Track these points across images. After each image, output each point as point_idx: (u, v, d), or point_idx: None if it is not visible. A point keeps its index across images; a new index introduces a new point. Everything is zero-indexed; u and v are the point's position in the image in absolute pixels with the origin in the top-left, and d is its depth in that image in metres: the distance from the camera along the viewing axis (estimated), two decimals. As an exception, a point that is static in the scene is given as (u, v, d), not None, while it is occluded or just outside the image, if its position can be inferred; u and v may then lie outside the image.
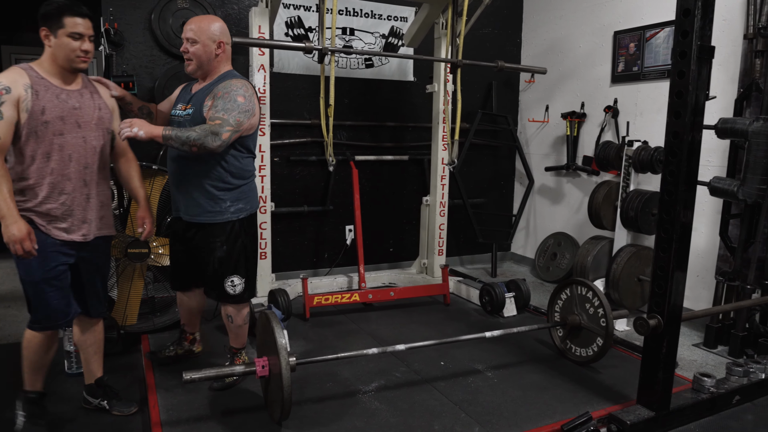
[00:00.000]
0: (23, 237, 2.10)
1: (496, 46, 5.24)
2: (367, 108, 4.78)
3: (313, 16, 4.47)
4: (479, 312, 4.03)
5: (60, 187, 2.23)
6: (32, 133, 2.16)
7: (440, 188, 4.36)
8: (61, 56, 2.20)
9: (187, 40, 2.56)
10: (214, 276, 2.69)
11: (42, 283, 2.25)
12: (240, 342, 2.90)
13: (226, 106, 2.44)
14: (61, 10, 2.18)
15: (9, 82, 2.11)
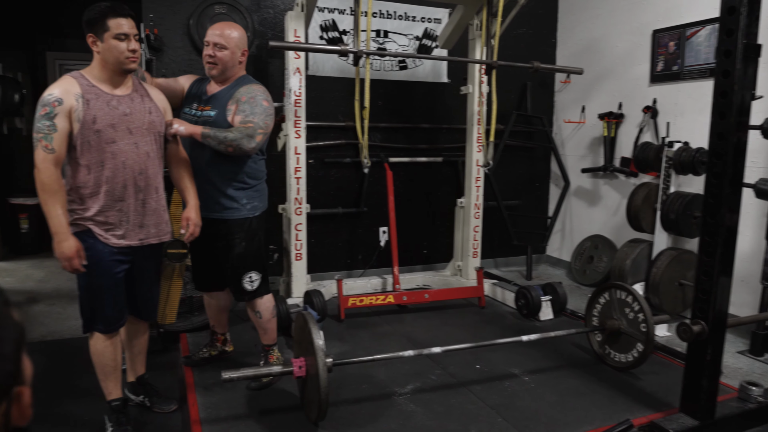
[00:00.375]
0: (72, 255, 2.13)
1: (531, 47, 5.19)
2: (402, 110, 4.79)
3: (347, 19, 4.50)
4: (515, 315, 3.99)
5: (116, 194, 2.24)
6: (85, 142, 2.16)
7: (475, 190, 4.33)
8: (111, 59, 2.21)
9: (214, 45, 2.62)
10: (233, 272, 2.77)
11: (100, 291, 2.29)
12: (271, 338, 2.96)
13: (254, 110, 2.55)
14: (104, 13, 2.19)
15: (61, 93, 2.11)
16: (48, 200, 2.08)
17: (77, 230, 2.22)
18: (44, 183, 2.07)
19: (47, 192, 2.08)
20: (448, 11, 4.75)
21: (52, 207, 2.09)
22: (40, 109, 2.09)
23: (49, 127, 2.07)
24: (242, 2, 4.18)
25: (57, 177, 2.11)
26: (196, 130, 2.49)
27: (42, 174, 2.07)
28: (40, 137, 2.08)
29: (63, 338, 3.62)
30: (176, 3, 4.06)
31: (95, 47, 2.21)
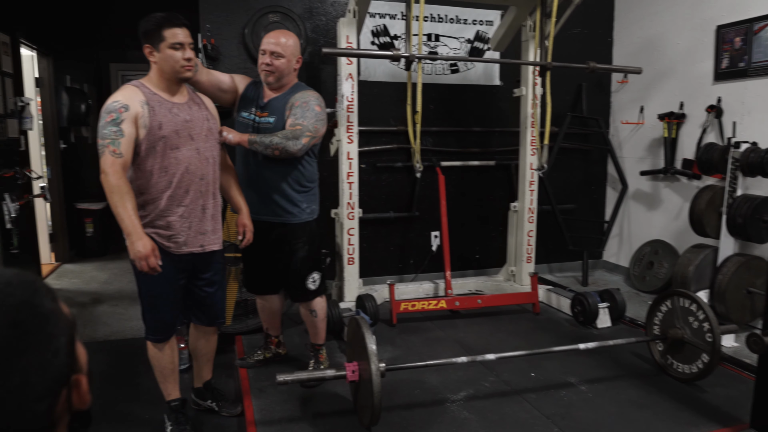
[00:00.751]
0: (148, 253, 2.15)
1: (586, 47, 5.06)
2: (453, 113, 4.76)
3: (399, 24, 4.50)
4: (570, 322, 3.88)
5: (178, 199, 2.28)
6: (151, 148, 2.21)
7: (529, 194, 4.25)
8: (167, 68, 2.25)
9: (271, 54, 2.66)
10: (296, 275, 2.82)
11: (159, 298, 2.34)
12: (321, 338, 3.03)
13: (305, 113, 2.61)
14: (159, 23, 2.23)
15: (127, 100, 2.16)
16: (119, 202, 2.11)
17: None
18: (114, 185, 2.10)
19: (117, 194, 2.11)
20: (500, 13, 4.69)
21: (123, 209, 2.11)
22: (106, 116, 2.13)
23: (116, 133, 2.12)
24: (295, 10, 4.25)
25: (126, 179, 2.14)
26: (244, 137, 2.57)
27: (111, 177, 2.10)
28: (107, 143, 2.11)
29: (125, 338, 3.75)
30: (231, 13, 4.17)
31: (152, 57, 2.26)
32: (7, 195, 4.03)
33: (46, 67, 5.35)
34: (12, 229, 4.06)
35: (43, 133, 5.41)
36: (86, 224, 5.96)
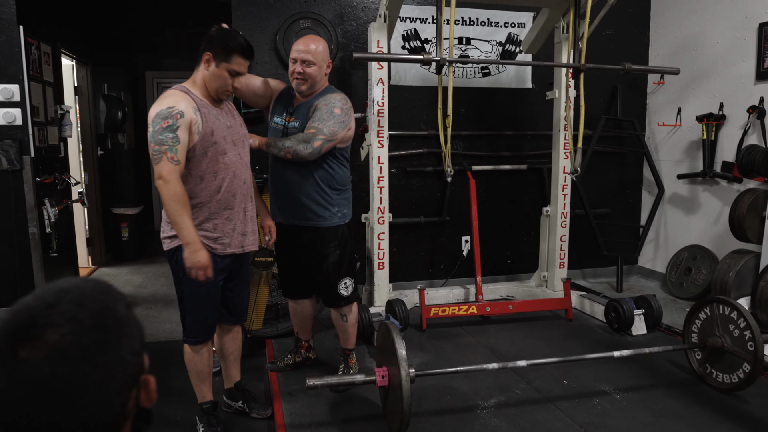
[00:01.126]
0: (207, 264, 2.20)
1: (621, 48, 4.96)
2: (484, 117, 4.72)
3: (429, 28, 4.49)
4: (604, 329, 3.80)
5: (225, 203, 2.33)
6: (203, 154, 2.24)
7: (561, 198, 4.18)
8: (213, 85, 2.29)
9: (303, 62, 2.65)
10: (327, 280, 2.82)
11: (202, 300, 2.38)
12: (352, 342, 3.03)
13: (322, 116, 2.60)
14: (236, 48, 2.25)
15: (181, 106, 2.16)
16: (180, 210, 2.14)
17: None
18: (175, 194, 2.13)
19: (179, 203, 2.14)
20: (532, 15, 4.64)
21: (183, 217, 2.15)
22: (161, 122, 2.13)
23: (173, 139, 2.13)
24: (326, 16, 4.28)
25: (183, 188, 2.17)
26: (262, 141, 2.62)
27: (172, 185, 2.13)
28: (164, 149, 2.12)
29: (158, 341, 3.82)
30: (263, 19, 4.22)
31: (205, 65, 2.27)
32: (47, 200, 4.14)
33: (84, 76, 5.50)
34: (51, 233, 4.17)
35: (81, 140, 5.55)
36: (122, 228, 6.10)
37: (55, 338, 0.68)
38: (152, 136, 2.14)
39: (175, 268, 2.34)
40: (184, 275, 2.29)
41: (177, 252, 2.30)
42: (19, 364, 0.66)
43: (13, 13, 3.85)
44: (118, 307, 0.76)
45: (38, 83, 4.16)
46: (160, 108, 2.17)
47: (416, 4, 4.45)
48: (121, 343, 0.73)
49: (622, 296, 4.22)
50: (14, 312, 0.71)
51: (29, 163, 3.98)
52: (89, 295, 0.73)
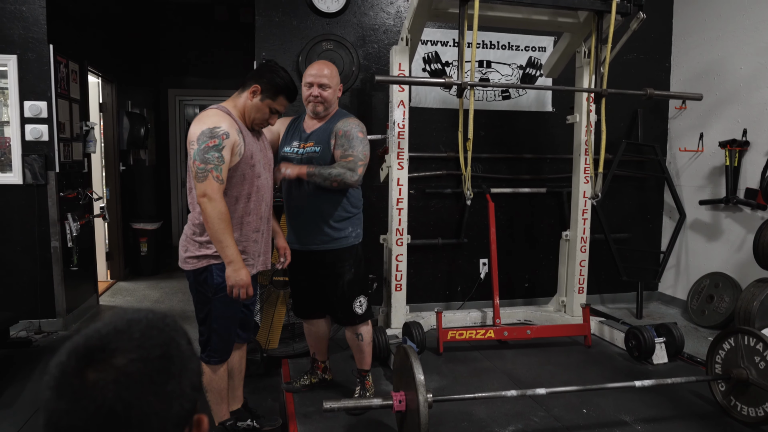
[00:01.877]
0: (249, 282, 2.26)
1: (642, 72, 4.95)
2: (504, 140, 4.71)
3: (450, 51, 4.52)
4: (624, 357, 3.73)
5: (254, 225, 2.38)
6: (240, 175, 2.29)
7: (581, 222, 4.14)
8: (251, 116, 2.37)
9: (319, 86, 2.73)
10: (342, 299, 2.83)
11: (231, 319, 2.41)
12: (368, 363, 3.03)
13: (352, 143, 2.69)
14: (285, 89, 2.36)
15: (227, 127, 2.22)
16: (225, 229, 2.18)
17: (216, 262, 2.31)
18: (220, 212, 2.17)
19: (224, 221, 2.18)
20: (553, 39, 4.65)
21: (228, 236, 2.19)
22: (207, 141, 2.17)
23: (219, 159, 2.18)
24: (348, 38, 4.33)
25: (227, 207, 2.21)
26: (302, 170, 2.62)
27: (218, 204, 2.17)
28: (210, 168, 2.17)
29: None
30: (286, 41, 4.27)
31: (251, 95, 2.35)
32: (69, 215, 4.20)
33: (109, 93, 5.60)
34: (73, 248, 4.22)
35: (104, 156, 5.64)
36: (141, 243, 6.15)
37: (123, 362, 0.70)
38: (197, 154, 2.18)
39: (201, 289, 2.35)
40: (214, 295, 2.31)
41: (205, 272, 2.32)
42: (86, 384, 0.68)
43: (44, 32, 3.96)
44: (182, 341, 0.78)
45: (65, 100, 4.25)
46: (205, 126, 2.20)
47: (437, 27, 4.48)
48: (183, 377, 0.75)
49: (643, 323, 4.16)
50: (86, 335, 0.74)
51: (54, 178, 4.05)
52: (157, 326, 0.76)
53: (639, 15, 3.53)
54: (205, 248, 2.31)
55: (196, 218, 2.32)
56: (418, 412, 2.23)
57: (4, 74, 4.01)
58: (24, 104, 3.96)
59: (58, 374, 0.70)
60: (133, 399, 0.69)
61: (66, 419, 0.67)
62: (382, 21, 4.44)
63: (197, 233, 2.32)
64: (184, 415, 0.74)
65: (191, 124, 2.28)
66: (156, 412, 0.70)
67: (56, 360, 0.72)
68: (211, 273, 2.31)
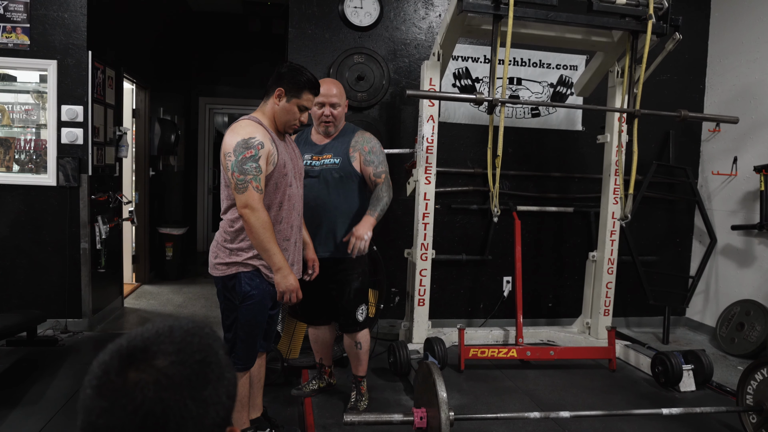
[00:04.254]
0: (298, 287, 2.31)
1: (675, 93, 4.88)
2: (532, 158, 4.68)
3: (480, 67, 4.52)
4: (650, 383, 3.65)
5: (285, 234, 2.39)
6: (274, 185, 2.32)
7: (609, 244, 4.08)
8: (282, 120, 2.38)
9: (330, 105, 2.81)
10: (348, 306, 2.91)
11: (258, 326, 2.42)
12: (364, 369, 3.10)
13: (380, 159, 2.85)
14: (307, 84, 2.36)
15: (262, 137, 2.24)
16: (270, 237, 2.22)
17: (246, 270, 2.32)
18: (265, 221, 2.21)
19: (268, 230, 2.22)
20: (585, 58, 4.62)
21: (273, 244, 2.23)
22: (244, 151, 2.20)
23: (257, 169, 2.21)
24: (379, 52, 4.36)
25: (268, 215, 2.25)
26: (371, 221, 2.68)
27: (261, 213, 2.21)
28: (249, 178, 2.20)
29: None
30: (318, 53, 4.32)
31: (277, 100, 2.36)
32: (99, 217, 4.27)
33: (143, 99, 5.71)
34: (101, 250, 4.29)
35: (135, 161, 5.74)
36: (167, 248, 6.22)
37: (164, 364, 0.72)
38: (235, 165, 2.20)
39: (229, 296, 2.36)
40: (241, 303, 2.32)
41: (233, 279, 2.33)
42: (127, 383, 0.70)
43: (84, 39, 4.05)
44: (219, 350, 0.80)
45: (101, 105, 4.34)
46: (240, 137, 2.23)
47: (469, 43, 4.49)
48: (220, 384, 0.76)
49: (669, 349, 4.07)
50: (129, 337, 0.76)
51: (86, 180, 4.13)
52: (197, 333, 0.78)
53: (675, 36, 3.50)
54: (234, 255, 2.32)
55: (228, 225, 2.34)
56: (440, 430, 2.21)
57: (44, 78, 4.11)
58: (61, 108, 4.06)
59: (100, 373, 0.72)
60: (172, 401, 0.70)
61: (104, 418, 0.69)
62: (413, 36, 4.46)
63: (228, 240, 2.34)
64: (219, 423, 0.75)
65: (225, 135, 2.30)
66: (193, 416, 0.71)
67: (100, 359, 0.74)
68: (239, 281, 2.32)
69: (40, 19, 4.00)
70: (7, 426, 2.77)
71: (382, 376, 3.58)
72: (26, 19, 3.99)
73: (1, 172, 4.18)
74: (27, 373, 3.43)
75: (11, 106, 4.37)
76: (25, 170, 4.21)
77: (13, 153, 4.24)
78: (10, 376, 3.39)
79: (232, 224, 2.32)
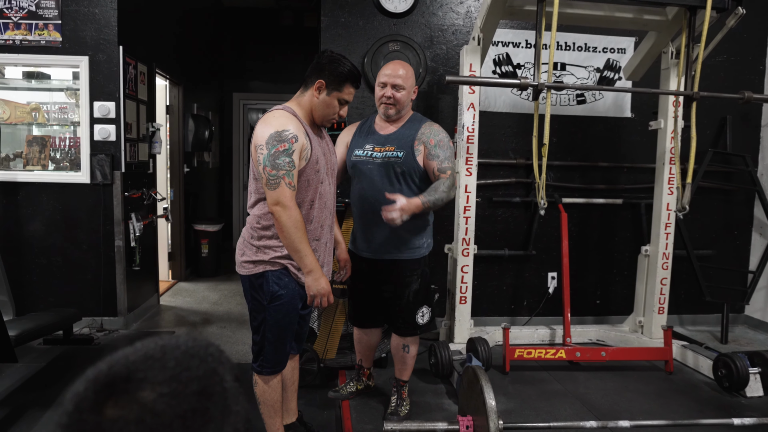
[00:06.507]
0: (330, 290, 2.18)
1: (732, 76, 4.56)
2: (577, 147, 4.44)
3: (522, 53, 4.29)
4: (711, 386, 3.39)
5: (315, 233, 2.25)
6: (305, 181, 2.17)
7: (664, 237, 3.82)
8: (320, 113, 2.23)
9: (393, 87, 2.61)
10: (407, 309, 2.74)
11: (287, 327, 2.29)
12: (408, 374, 2.94)
13: (447, 154, 2.61)
14: (349, 76, 2.20)
15: (295, 130, 2.09)
16: (302, 237, 2.08)
17: (273, 268, 2.20)
18: (297, 220, 2.07)
19: (300, 230, 2.08)
20: (634, 40, 4.35)
21: (305, 245, 2.10)
22: (278, 145, 2.06)
23: (290, 164, 2.07)
24: (416, 39, 4.18)
25: (301, 215, 2.12)
26: (417, 203, 2.44)
27: (293, 212, 2.07)
28: (282, 174, 2.05)
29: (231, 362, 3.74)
30: (352, 42, 4.16)
31: (316, 93, 2.20)
32: (133, 215, 4.22)
33: (176, 96, 5.66)
34: (135, 247, 4.24)
35: (169, 157, 5.70)
36: (202, 245, 6.18)
37: (152, 397, 0.56)
38: (267, 159, 2.06)
39: (256, 295, 2.23)
40: (269, 303, 2.19)
41: (261, 278, 2.20)
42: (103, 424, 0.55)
43: (115, 34, 3.99)
44: (227, 376, 0.62)
45: (133, 101, 4.28)
46: (273, 129, 2.08)
47: (509, 28, 4.27)
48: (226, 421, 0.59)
49: (729, 349, 3.80)
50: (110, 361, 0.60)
51: (119, 177, 4.08)
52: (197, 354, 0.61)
53: (737, 11, 3.22)
54: (262, 253, 2.19)
55: (255, 221, 2.21)
56: (488, 440, 2.04)
57: (77, 76, 4.07)
58: (93, 104, 4.01)
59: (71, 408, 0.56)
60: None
61: None
62: (451, 21, 4.26)
63: (255, 237, 2.21)
64: None
65: (256, 125, 2.16)
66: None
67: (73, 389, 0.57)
68: (267, 280, 2.19)
69: (72, 15, 3.95)
70: (41, 427, 2.71)
71: (423, 378, 3.42)
72: (58, 15, 3.95)
73: (37, 171, 4.17)
74: (62, 372, 3.39)
75: (47, 106, 4.36)
76: (60, 168, 4.18)
77: (49, 151, 4.22)
78: (46, 375, 3.35)
79: (260, 220, 2.19)
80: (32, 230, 4.04)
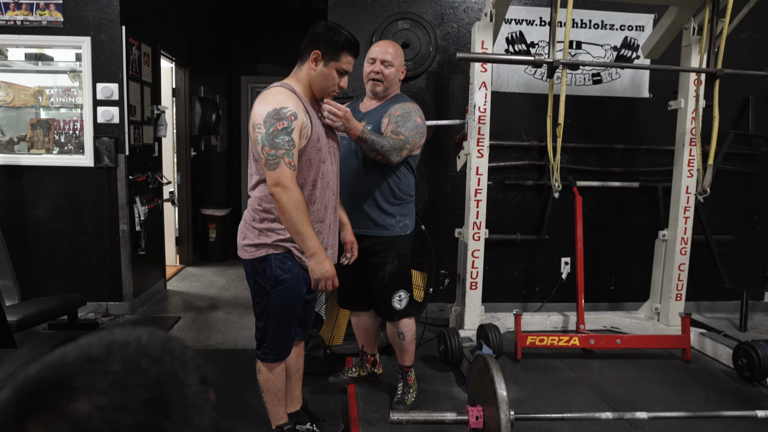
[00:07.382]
0: (334, 273, 2.10)
1: (756, 54, 4.37)
2: (593, 128, 4.30)
3: (536, 31, 4.14)
4: (730, 376, 3.28)
5: (318, 215, 2.17)
6: (307, 160, 2.09)
7: (683, 222, 3.69)
8: (319, 85, 2.13)
9: (382, 63, 2.58)
10: (382, 291, 2.67)
11: (291, 313, 2.21)
12: (410, 359, 2.86)
13: (407, 125, 2.52)
14: (345, 45, 2.10)
15: (294, 107, 2.00)
16: (303, 219, 2.00)
17: (276, 252, 2.11)
18: (298, 202, 1.98)
19: (302, 211, 1.99)
20: (653, 17, 4.18)
21: (307, 227, 2.01)
22: (276, 123, 1.96)
23: (289, 143, 1.97)
24: (426, 17, 4.05)
25: (303, 196, 2.02)
26: (356, 127, 2.32)
27: (294, 193, 1.98)
28: (281, 153, 1.96)
29: (236, 348, 3.69)
30: (360, 20, 4.04)
31: (313, 64, 2.10)
32: (138, 198, 4.15)
33: (183, 78, 5.57)
34: (141, 232, 4.18)
35: (176, 141, 5.62)
36: (210, 229, 6.12)
37: (85, 411, 0.45)
38: (266, 138, 1.96)
39: (259, 280, 2.15)
40: (272, 288, 2.11)
41: (263, 262, 2.12)
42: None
43: (117, 13, 3.90)
44: (190, 379, 0.51)
45: (136, 83, 4.19)
46: (270, 107, 1.98)
47: (523, 5, 4.12)
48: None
49: (748, 337, 3.68)
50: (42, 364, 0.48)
51: (123, 160, 4.00)
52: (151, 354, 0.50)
53: (765, -17, 3.06)
54: (264, 236, 2.10)
55: (257, 203, 2.12)
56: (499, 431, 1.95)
57: (80, 57, 3.99)
58: (96, 86, 3.93)
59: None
60: None
61: None
62: (462, -2, 4.12)
63: (256, 220, 2.12)
64: None
65: (254, 103, 2.06)
66: None
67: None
68: (270, 264, 2.10)
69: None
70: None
71: (432, 365, 3.34)
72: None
73: (42, 154, 4.11)
74: (66, 358, 3.34)
75: (51, 89, 4.29)
76: (64, 151, 4.12)
77: (53, 134, 4.15)
78: (50, 362, 3.31)
79: (261, 202, 2.10)
80: (37, 214, 3.99)
